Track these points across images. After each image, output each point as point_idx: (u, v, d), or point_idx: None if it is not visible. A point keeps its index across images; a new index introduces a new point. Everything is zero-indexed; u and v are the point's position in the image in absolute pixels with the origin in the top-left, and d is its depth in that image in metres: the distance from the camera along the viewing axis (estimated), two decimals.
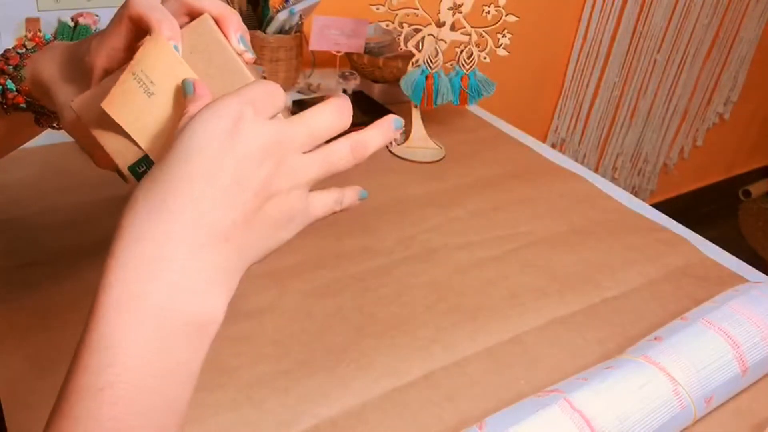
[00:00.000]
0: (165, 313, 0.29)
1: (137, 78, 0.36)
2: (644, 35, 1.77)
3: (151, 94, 0.36)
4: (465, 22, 0.86)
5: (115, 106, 0.36)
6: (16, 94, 0.45)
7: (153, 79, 0.36)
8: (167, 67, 0.36)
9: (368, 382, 0.53)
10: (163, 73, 0.36)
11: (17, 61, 0.44)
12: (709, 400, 0.49)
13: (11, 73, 0.44)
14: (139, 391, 0.28)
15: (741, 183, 2.53)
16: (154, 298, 0.29)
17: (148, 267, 0.29)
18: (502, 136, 1.01)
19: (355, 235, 0.71)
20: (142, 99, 0.36)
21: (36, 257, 0.62)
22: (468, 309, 0.62)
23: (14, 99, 0.45)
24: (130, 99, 0.36)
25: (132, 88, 0.36)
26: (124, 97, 0.36)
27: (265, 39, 1.00)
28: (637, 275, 0.69)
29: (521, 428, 0.43)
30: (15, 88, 0.45)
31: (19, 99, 0.45)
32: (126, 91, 0.36)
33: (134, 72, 0.36)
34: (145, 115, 0.36)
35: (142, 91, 0.36)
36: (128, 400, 0.28)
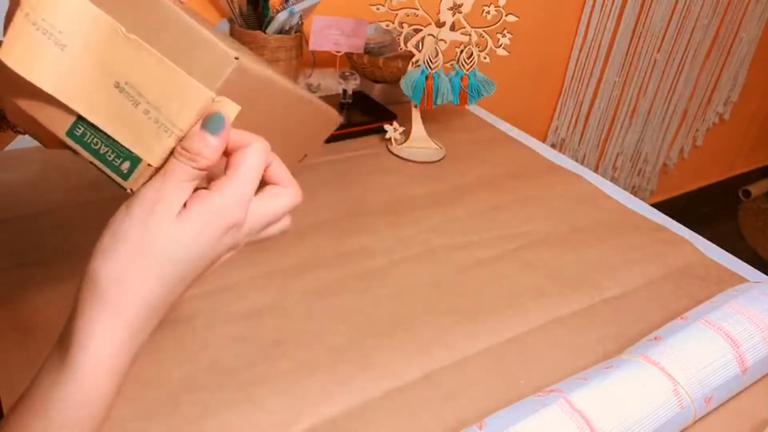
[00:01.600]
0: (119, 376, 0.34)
1: (41, 29, 0.31)
2: (644, 35, 1.77)
3: (63, 46, 0.32)
4: (465, 22, 0.86)
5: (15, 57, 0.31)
6: None
7: (60, 28, 0.31)
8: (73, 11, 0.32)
9: (368, 382, 0.53)
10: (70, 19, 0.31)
11: None
12: (709, 400, 0.49)
13: None
14: None
15: (741, 183, 2.53)
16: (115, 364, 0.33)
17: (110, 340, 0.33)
18: (502, 136, 1.01)
19: (355, 235, 0.71)
20: (54, 51, 0.31)
21: (36, 257, 0.62)
22: (468, 309, 0.62)
23: None
24: (36, 51, 0.31)
25: (35, 38, 0.31)
26: (25, 48, 0.31)
27: (265, 39, 1.00)
28: (637, 275, 0.69)
29: (521, 428, 0.43)
30: None
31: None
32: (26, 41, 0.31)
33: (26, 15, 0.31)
34: (61, 70, 0.32)
35: (51, 43, 0.31)
36: None
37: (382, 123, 0.93)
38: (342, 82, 0.93)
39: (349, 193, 0.79)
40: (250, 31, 1.01)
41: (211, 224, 0.33)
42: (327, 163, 0.85)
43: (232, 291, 0.60)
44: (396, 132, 0.91)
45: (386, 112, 0.97)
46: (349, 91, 0.94)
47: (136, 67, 0.32)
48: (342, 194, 0.78)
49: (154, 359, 0.52)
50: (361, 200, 0.78)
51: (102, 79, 0.32)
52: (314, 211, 0.74)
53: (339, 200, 0.77)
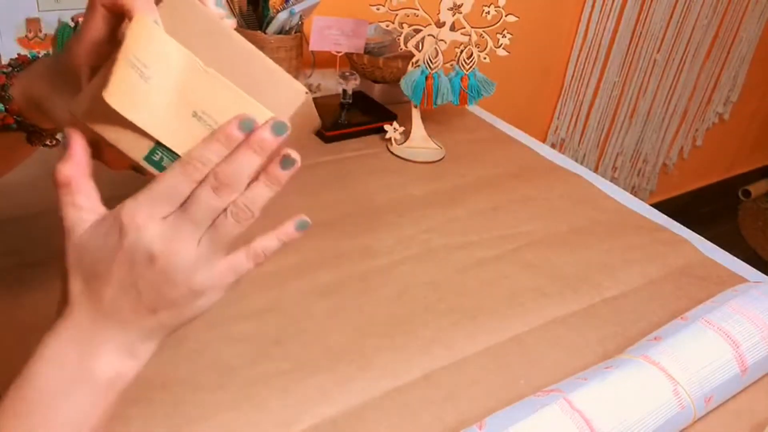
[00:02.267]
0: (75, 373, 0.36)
1: (131, 64, 0.34)
2: (644, 35, 1.77)
3: (148, 78, 0.34)
4: (465, 22, 0.86)
5: (116, 96, 0.34)
6: (5, 115, 0.44)
7: (146, 62, 0.34)
8: (157, 47, 0.34)
9: (368, 382, 0.53)
10: (155, 54, 0.34)
11: (3, 81, 0.44)
12: (709, 400, 0.49)
13: None
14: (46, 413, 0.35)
15: (741, 183, 2.53)
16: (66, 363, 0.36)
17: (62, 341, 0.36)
18: (502, 136, 1.01)
19: (355, 235, 0.71)
20: (141, 85, 0.34)
21: (36, 257, 0.62)
22: (468, 309, 0.62)
23: (3, 120, 0.44)
24: (128, 87, 0.34)
25: (128, 76, 0.34)
26: (122, 87, 0.34)
27: (265, 39, 1.00)
28: (637, 275, 0.69)
29: (521, 428, 0.43)
30: (4, 108, 0.44)
31: (8, 120, 0.44)
32: (123, 80, 0.34)
33: (127, 58, 0.34)
34: (147, 101, 0.35)
35: (138, 77, 0.34)
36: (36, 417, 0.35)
37: (382, 123, 0.93)
38: (342, 82, 0.93)
39: (349, 193, 0.79)
40: (250, 31, 1.01)
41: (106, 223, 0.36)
42: (327, 163, 0.85)
43: (232, 291, 0.60)
44: (396, 132, 0.91)
45: (386, 112, 0.97)
46: (349, 91, 0.94)
47: (212, 97, 0.35)
48: (342, 194, 0.78)
49: (154, 359, 0.52)
50: (361, 200, 0.78)
51: (181, 109, 0.35)
52: (314, 211, 0.74)
53: (339, 200, 0.77)
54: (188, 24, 0.35)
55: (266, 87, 0.36)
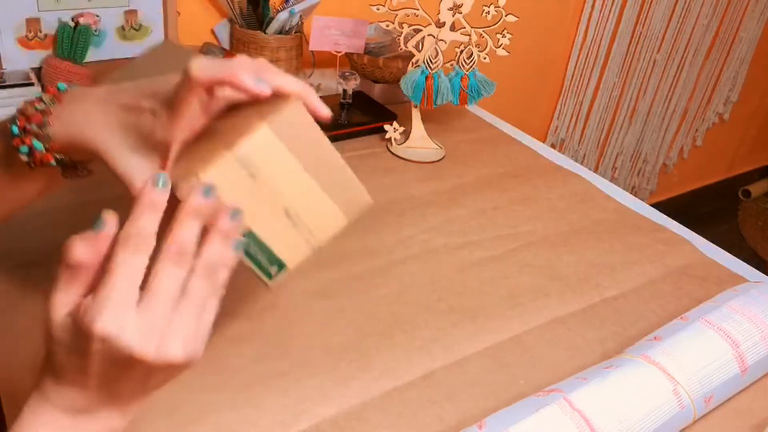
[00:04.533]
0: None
1: (241, 162, 0.36)
2: (644, 35, 1.77)
3: (254, 177, 0.37)
4: (465, 22, 0.86)
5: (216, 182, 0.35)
6: (44, 153, 0.42)
7: (258, 164, 0.37)
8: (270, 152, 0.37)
9: (368, 382, 0.53)
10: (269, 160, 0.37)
11: (40, 120, 0.41)
12: (709, 400, 0.49)
13: (36, 132, 0.41)
14: None
15: (741, 183, 2.53)
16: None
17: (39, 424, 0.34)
18: (502, 136, 1.01)
19: (355, 235, 0.71)
20: (245, 180, 0.37)
21: (36, 257, 0.62)
22: (468, 309, 0.62)
23: (42, 158, 0.42)
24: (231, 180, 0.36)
25: (235, 169, 0.36)
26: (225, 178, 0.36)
27: (266, 39, 1.00)
28: (637, 275, 0.69)
29: (521, 427, 0.43)
30: (44, 147, 0.41)
31: (47, 157, 0.42)
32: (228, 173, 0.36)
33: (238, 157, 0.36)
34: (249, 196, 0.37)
35: (245, 174, 0.37)
36: None
37: (382, 123, 0.93)
38: (342, 82, 0.93)
39: None
40: (250, 31, 1.01)
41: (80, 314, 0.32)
42: None
43: (232, 291, 0.60)
44: (396, 132, 0.91)
45: (386, 112, 0.97)
46: (349, 91, 0.94)
47: (303, 198, 0.40)
48: None
49: None
50: None
51: (276, 205, 0.39)
52: None
53: None
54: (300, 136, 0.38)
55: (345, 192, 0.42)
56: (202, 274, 0.34)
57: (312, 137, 0.39)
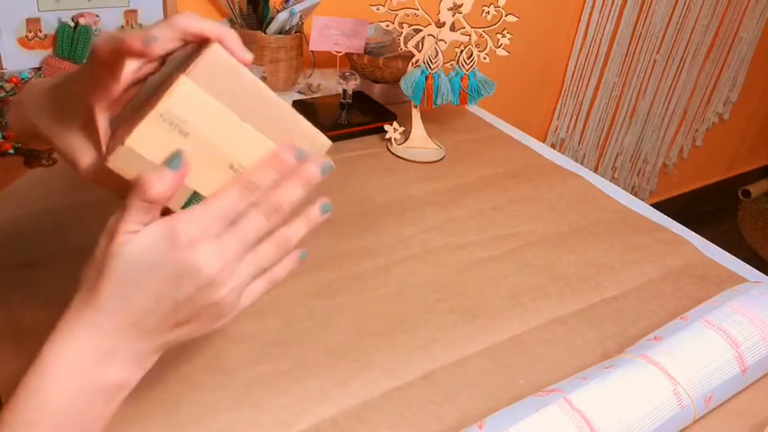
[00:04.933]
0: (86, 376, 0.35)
1: (169, 120, 0.35)
2: (644, 35, 1.77)
3: (186, 134, 0.36)
4: (465, 22, 0.86)
5: (152, 148, 0.35)
6: (2, 142, 0.43)
7: (184, 118, 0.36)
8: (197, 105, 0.36)
9: (368, 382, 0.53)
10: (194, 112, 0.36)
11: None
12: (709, 400, 0.49)
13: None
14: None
15: (740, 183, 2.53)
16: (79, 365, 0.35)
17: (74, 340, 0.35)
18: (502, 136, 1.01)
19: (355, 235, 0.71)
20: (179, 139, 0.36)
21: (36, 257, 0.62)
22: (468, 309, 0.62)
23: (1, 146, 0.43)
24: (166, 141, 0.36)
25: (166, 131, 0.36)
26: (159, 140, 0.36)
27: (266, 39, 1.00)
28: (637, 275, 0.69)
29: (521, 427, 0.43)
30: (1, 136, 0.42)
31: (6, 146, 0.43)
32: (160, 134, 0.35)
33: (166, 113, 0.35)
34: None
35: (177, 132, 0.36)
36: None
37: (382, 123, 0.93)
38: (342, 82, 0.93)
39: (349, 193, 0.79)
40: (250, 31, 1.01)
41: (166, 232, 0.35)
42: None
43: None
44: (396, 132, 0.91)
45: (386, 112, 0.97)
46: (349, 91, 0.94)
47: (247, 150, 0.38)
48: (342, 194, 0.78)
49: None
50: (360, 200, 0.78)
51: (218, 162, 0.37)
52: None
53: (339, 200, 0.77)
54: (225, 82, 0.36)
55: (294, 138, 0.39)
56: (276, 243, 0.38)
57: (240, 81, 0.37)
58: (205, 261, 0.35)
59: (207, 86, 0.36)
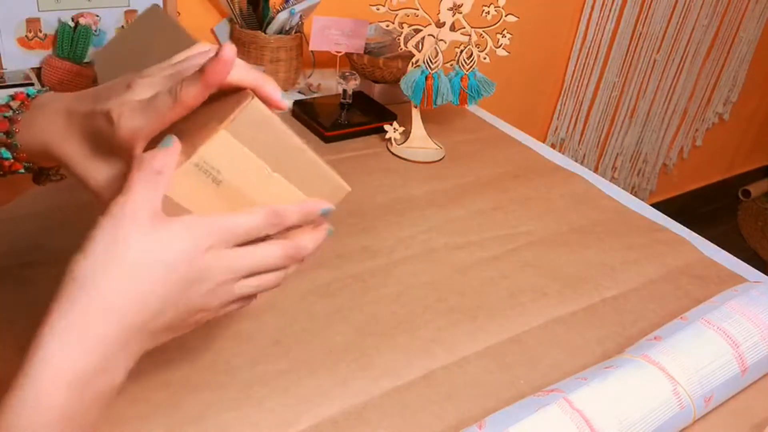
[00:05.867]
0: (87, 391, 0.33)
1: (204, 169, 0.36)
2: (644, 35, 1.77)
3: (219, 182, 0.37)
4: (465, 22, 0.86)
5: (182, 194, 0.36)
6: (12, 162, 0.41)
7: (219, 168, 0.37)
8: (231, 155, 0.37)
9: (368, 382, 0.53)
10: (229, 161, 0.37)
11: (7, 127, 0.40)
12: (709, 400, 0.49)
13: (3, 141, 0.40)
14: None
15: (740, 183, 2.53)
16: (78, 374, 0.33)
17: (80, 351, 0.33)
18: (502, 136, 1.01)
19: (355, 235, 0.71)
20: (210, 186, 0.37)
21: (36, 257, 0.62)
22: (468, 309, 0.62)
23: (11, 167, 0.41)
24: (199, 188, 0.37)
25: (199, 179, 0.37)
26: (193, 188, 0.37)
27: (266, 39, 1.00)
28: (637, 275, 0.70)
29: (521, 427, 0.43)
30: (12, 156, 0.41)
31: (16, 166, 0.41)
32: (195, 182, 0.37)
33: (202, 163, 0.36)
34: (216, 201, 0.37)
35: (210, 180, 0.37)
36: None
37: (382, 123, 0.93)
38: (342, 82, 0.93)
39: (349, 193, 0.79)
40: (250, 31, 1.01)
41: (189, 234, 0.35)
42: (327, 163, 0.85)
43: None
44: (396, 132, 0.91)
45: (386, 112, 0.97)
46: (349, 91, 0.94)
47: (275, 199, 0.40)
48: None
49: (154, 359, 0.52)
50: (361, 200, 0.78)
51: (247, 207, 0.38)
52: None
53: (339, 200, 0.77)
54: (259, 133, 0.38)
55: (319, 185, 0.42)
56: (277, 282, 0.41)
57: (274, 133, 0.38)
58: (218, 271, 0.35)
59: (242, 138, 0.37)
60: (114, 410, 0.47)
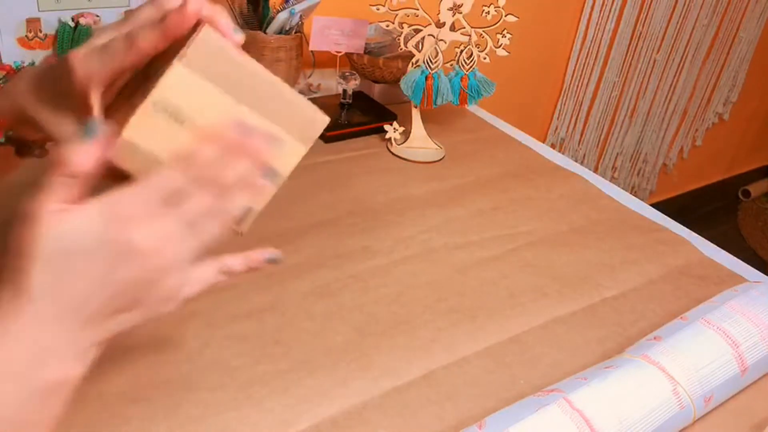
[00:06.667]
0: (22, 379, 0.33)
1: (163, 108, 0.35)
2: (644, 35, 1.77)
3: (182, 121, 0.36)
4: (465, 22, 0.86)
5: (145, 138, 0.35)
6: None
7: (179, 105, 0.35)
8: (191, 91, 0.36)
9: (368, 382, 0.53)
10: (189, 98, 0.36)
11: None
12: (709, 400, 0.49)
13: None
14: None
15: (740, 183, 2.53)
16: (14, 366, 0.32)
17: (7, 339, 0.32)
18: (502, 136, 1.01)
19: (355, 235, 0.71)
20: (174, 126, 0.36)
21: None
22: (468, 309, 0.62)
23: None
24: (161, 128, 0.35)
25: (160, 119, 0.35)
26: (155, 128, 0.35)
27: (266, 39, 1.00)
28: (637, 275, 0.70)
29: (521, 427, 0.43)
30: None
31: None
32: (156, 123, 0.35)
33: (162, 101, 0.35)
34: (179, 139, 0.36)
35: (172, 120, 0.36)
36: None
37: (382, 123, 0.93)
38: (342, 82, 0.93)
39: (349, 193, 0.79)
40: (250, 31, 1.01)
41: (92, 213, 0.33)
42: (327, 163, 0.85)
43: (232, 291, 0.60)
44: (396, 132, 0.91)
45: (386, 112, 0.97)
46: (349, 91, 0.94)
47: None
48: (342, 194, 0.78)
49: (154, 359, 0.52)
50: (361, 200, 0.78)
51: None
52: (314, 211, 0.74)
53: (339, 200, 0.77)
54: (218, 65, 0.36)
55: (292, 116, 0.38)
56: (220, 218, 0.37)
57: (233, 62, 0.36)
58: (142, 240, 0.33)
59: (200, 71, 0.35)
60: (114, 410, 0.47)
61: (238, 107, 0.37)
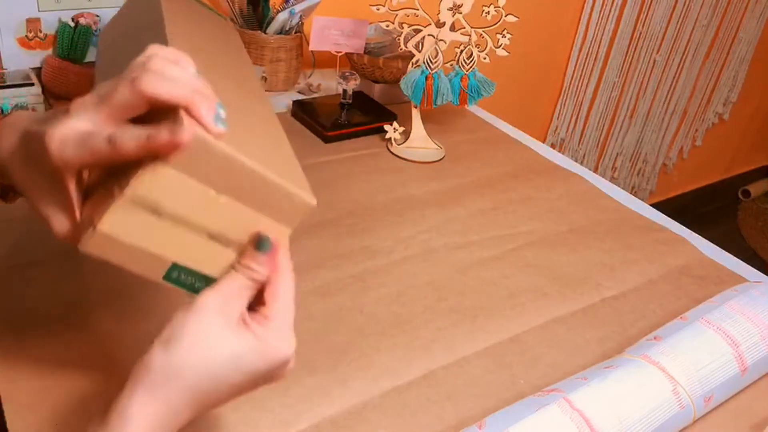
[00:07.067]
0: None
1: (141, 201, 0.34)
2: (644, 35, 1.77)
3: (159, 214, 0.34)
4: (465, 22, 0.86)
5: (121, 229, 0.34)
6: None
7: (157, 200, 0.34)
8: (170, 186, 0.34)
9: (368, 382, 0.53)
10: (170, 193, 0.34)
11: None
12: (709, 400, 0.49)
13: None
14: None
15: (740, 183, 2.53)
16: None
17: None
18: (502, 136, 1.01)
19: (355, 235, 0.71)
20: (151, 218, 0.34)
21: (36, 257, 0.62)
22: (468, 309, 0.62)
23: None
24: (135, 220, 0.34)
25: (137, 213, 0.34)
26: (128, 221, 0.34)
27: (266, 39, 1.00)
28: (637, 275, 0.70)
29: (521, 427, 0.43)
30: None
31: None
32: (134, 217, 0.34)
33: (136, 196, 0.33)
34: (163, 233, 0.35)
35: (149, 212, 0.34)
36: None
37: (382, 123, 0.93)
38: (342, 82, 0.93)
39: (349, 193, 0.79)
40: (250, 31, 1.01)
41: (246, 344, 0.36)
42: (327, 163, 0.85)
43: None
44: (396, 132, 0.91)
45: (386, 112, 0.97)
46: (349, 91, 0.94)
47: (227, 220, 0.37)
48: (342, 194, 0.78)
49: None
50: (361, 200, 0.78)
51: (197, 233, 0.36)
52: (314, 211, 0.74)
53: (339, 200, 0.77)
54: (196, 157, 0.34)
55: (275, 202, 0.38)
56: None
57: (213, 155, 0.34)
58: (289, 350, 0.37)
59: (179, 165, 0.33)
60: None
61: (218, 197, 0.35)
